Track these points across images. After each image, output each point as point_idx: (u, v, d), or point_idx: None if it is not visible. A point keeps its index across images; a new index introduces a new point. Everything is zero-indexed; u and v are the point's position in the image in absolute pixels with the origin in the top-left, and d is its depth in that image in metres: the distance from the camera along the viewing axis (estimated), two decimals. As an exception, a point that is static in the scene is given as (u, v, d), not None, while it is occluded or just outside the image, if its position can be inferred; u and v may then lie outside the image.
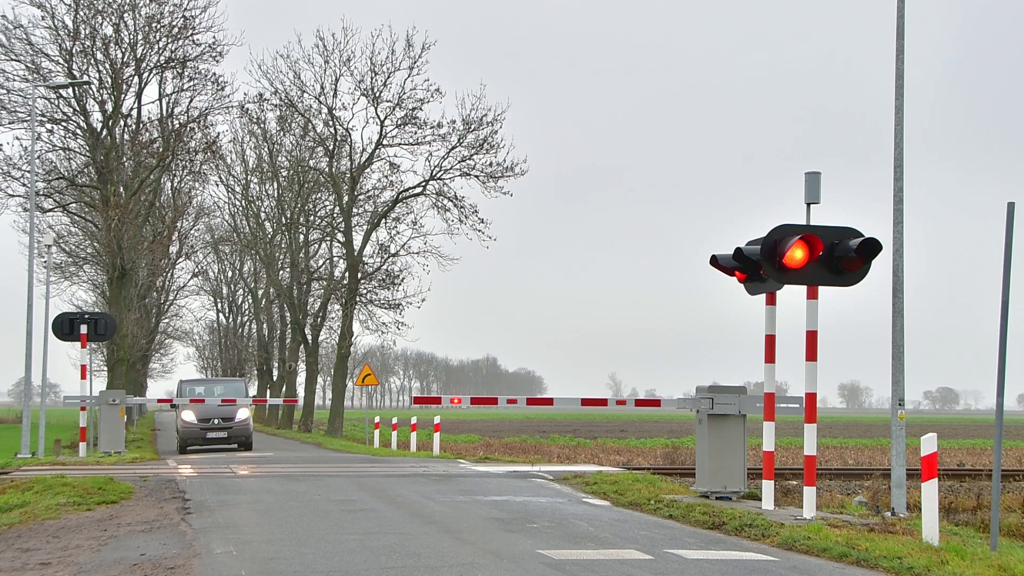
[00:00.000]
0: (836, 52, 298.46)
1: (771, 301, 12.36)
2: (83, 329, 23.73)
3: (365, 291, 40.93)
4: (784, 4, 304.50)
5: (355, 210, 41.55)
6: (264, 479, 16.57)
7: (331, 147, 40.89)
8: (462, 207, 38.63)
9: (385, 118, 39.13)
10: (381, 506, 12.63)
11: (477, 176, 38.46)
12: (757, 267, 11.80)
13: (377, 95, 38.66)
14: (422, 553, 9.10)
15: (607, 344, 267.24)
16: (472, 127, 38.16)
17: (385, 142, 39.70)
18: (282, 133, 44.57)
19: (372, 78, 38.52)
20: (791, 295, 12.38)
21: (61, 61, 32.06)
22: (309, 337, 46.04)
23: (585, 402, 16.58)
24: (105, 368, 44.20)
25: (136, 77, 33.08)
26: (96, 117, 33.23)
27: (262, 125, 45.00)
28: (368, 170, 40.98)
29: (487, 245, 38.88)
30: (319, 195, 46.31)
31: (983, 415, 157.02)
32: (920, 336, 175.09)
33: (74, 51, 31.94)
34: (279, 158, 46.38)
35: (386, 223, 40.77)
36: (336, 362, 42.70)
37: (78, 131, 33.49)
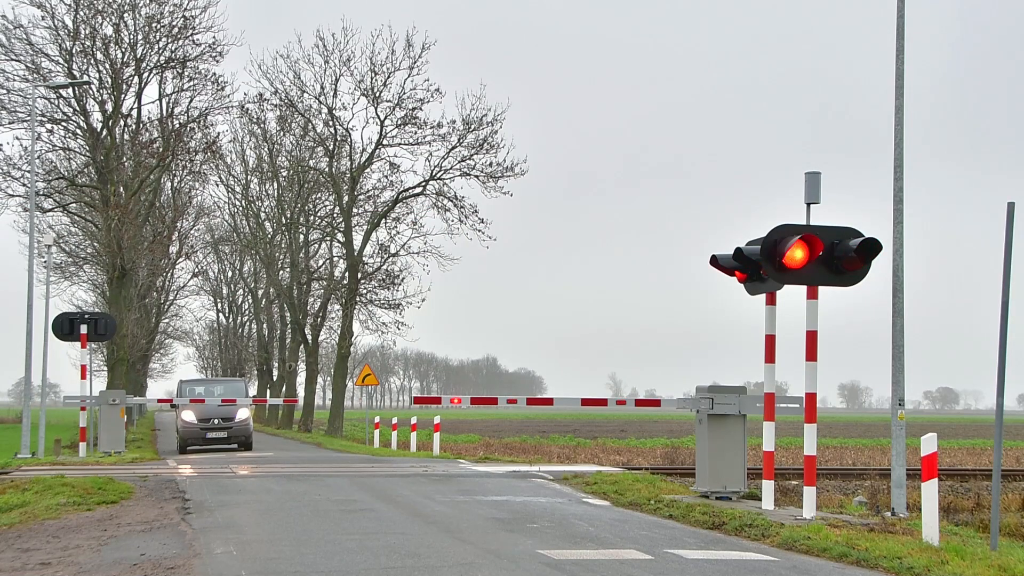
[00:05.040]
0: (836, 53, 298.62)
1: (771, 301, 12.36)
2: (83, 329, 23.73)
3: (365, 291, 40.93)
4: (784, 5, 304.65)
5: (355, 210, 41.55)
6: (264, 479, 16.57)
7: (331, 147, 40.89)
8: (462, 207, 38.65)
9: (385, 118, 39.17)
10: (381, 506, 12.63)
11: (477, 176, 38.48)
12: (757, 267, 11.80)
13: (377, 95, 38.68)
14: (422, 553, 9.10)
15: (607, 344, 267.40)
16: (472, 127, 38.17)
17: (385, 142, 39.73)
18: (282, 133, 44.58)
19: (372, 78, 38.56)
20: (791, 295, 12.39)
21: (61, 61, 32.07)
22: (309, 337, 46.03)
23: (585, 402, 16.59)
24: (105, 368, 44.20)
25: (136, 77, 33.09)
26: (96, 117, 33.25)
27: (262, 125, 45.03)
28: (368, 170, 41.01)
29: (487, 245, 38.91)
30: (319, 195, 46.32)
31: (983, 415, 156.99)
32: (920, 336, 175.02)
33: (74, 51, 31.94)
34: (279, 158, 46.39)
35: (386, 223, 40.78)
36: (336, 362, 42.69)
37: (78, 131, 33.49)
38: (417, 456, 25.42)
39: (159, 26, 32.44)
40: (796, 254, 11.03)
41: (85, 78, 31.91)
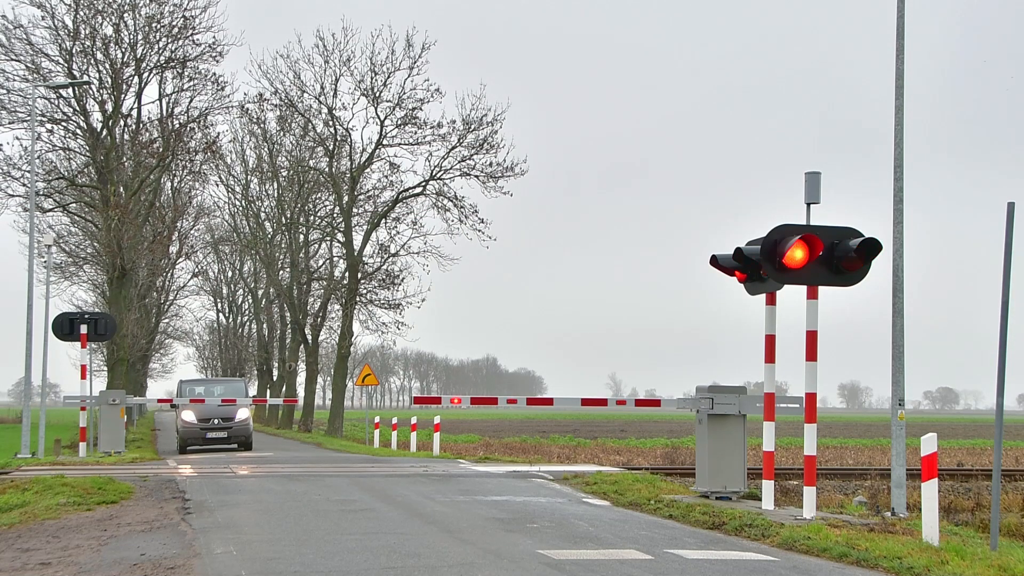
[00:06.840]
0: (836, 53, 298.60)
1: (771, 301, 12.36)
2: (83, 329, 23.72)
3: (365, 291, 40.94)
4: (784, 6, 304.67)
5: (355, 210, 41.56)
6: (264, 479, 16.56)
7: (331, 147, 40.91)
8: (462, 207, 38.66)
9: (385, 118, 39.18)
10: (381, 506, 12.63)
11: (477, 176, 38.50)
12: (757, 267, 11.80)
13: (377, 95, 38.69)
14: (422, 553, 9.10)
15: (607, 344, 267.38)
16: (472, 127, 38.18)
17: (385, 142, 39.74)
18: (282, 133, 44.61)
19: (372, 78, 38.58)
20: (791, 295, 12.39)
21: (61, 61, 32.09)
22: (309, 337, 46.04)
23: (585, 402, 16.58)
24: (105, 368, 44.18)
25: (136, 77, 33.10)
26: (96, 117, 33.27)
27: (262, 125, 45.06)
28: (368, 170, 41.02)
29: (487, 245, 38.93)
30: (319, 195, 46.34)
31: (983, 415, 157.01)
32: (920, 336, 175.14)
33: (74, 51, 31.95)
34: (279, 158, 46.42)
35: (386, 223, 40.80)
36: (336, 362, 42.70)
37: (78, 131, 33.51)
38: (417, 456, 25.42)
39: (159, 26, 32.46)
40: (796, 254, 11.03)
41: (85, 78, 31.92)
